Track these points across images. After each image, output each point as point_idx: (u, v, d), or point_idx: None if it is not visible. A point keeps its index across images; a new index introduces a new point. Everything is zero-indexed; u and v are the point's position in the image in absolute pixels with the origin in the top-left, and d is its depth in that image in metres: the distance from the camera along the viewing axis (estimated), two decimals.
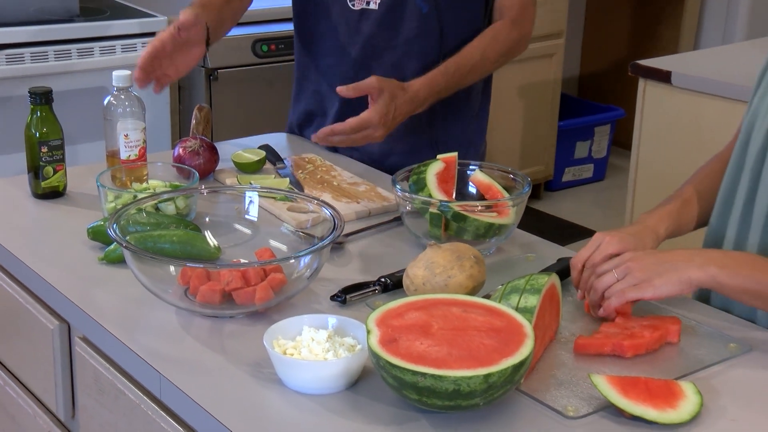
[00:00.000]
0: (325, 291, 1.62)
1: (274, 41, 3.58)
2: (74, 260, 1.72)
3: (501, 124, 4.68)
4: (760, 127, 1.64)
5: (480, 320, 1.36)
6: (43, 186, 1.95)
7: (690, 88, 3.01)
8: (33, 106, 1.94)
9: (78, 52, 3.32)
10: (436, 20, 2.17)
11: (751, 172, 1.64)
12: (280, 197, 1.83)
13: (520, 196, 1.80)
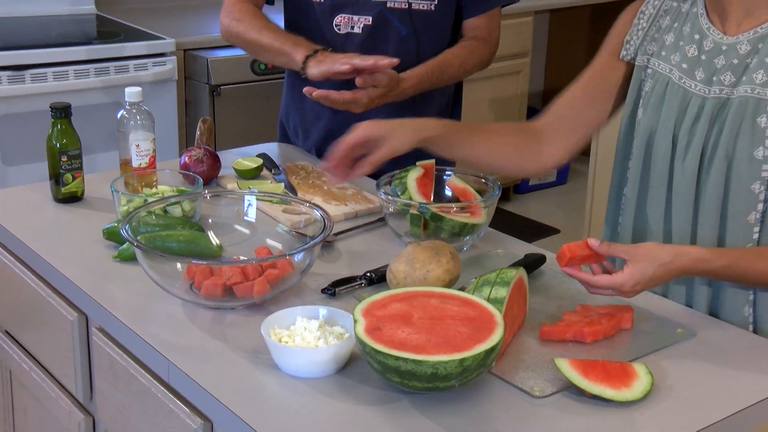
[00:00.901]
0: (317, 284, 1.62)
1: None
2: (91, 258, 1.72)
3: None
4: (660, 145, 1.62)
5: (455, 310, 1.36)
6: (63, 191, 1.94)
7: None
8: (54, 120, 1.93)
9: (95, 71, 3.31)
10: (414, 41, 2.18)
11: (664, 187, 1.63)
12: (275, 200, 1.82)
13: (491, 199, 1.80)
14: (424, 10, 2.16)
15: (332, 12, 2.18)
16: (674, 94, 1.60)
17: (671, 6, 1.65)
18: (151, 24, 3.71)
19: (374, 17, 2.16)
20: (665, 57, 1.63)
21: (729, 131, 1.51)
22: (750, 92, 1.49)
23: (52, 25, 3.67)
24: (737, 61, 1.52)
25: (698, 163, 1.56)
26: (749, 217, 1.53)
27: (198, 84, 3.58)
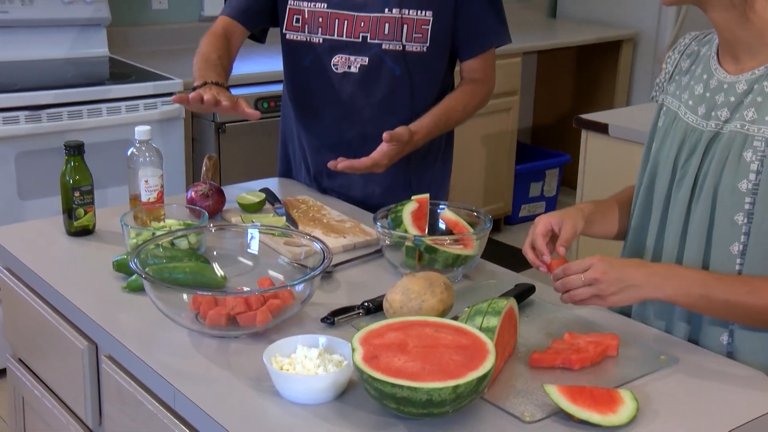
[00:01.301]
0: (317, 314, 1.61)
1: (273, 99, 3.57)
2: (101, 289, 1.71)
3: (467, 168, 4.69)
4: (662, 174, 1.64)
5: (449, 339, 1.35)
6: (75, 225, 1.94)
7: (624, 137, 3.02)
8: (67, 157, 1.93)
9: (107, 110, 3.32)
10: (408, 80, 2.18)
11: (660, 213, 1.64)
12: (277, 233, 1.82)
13: (482, 231, 1.80)
14: (417, 52, 2.17)
15: (331, 52, 2.19)
16: (678, 128, 1.62)
17: (693, 50, 1.68)
18: (161, 65, 3.72)
19: (370, 58, 2.16)
20: (678, 95, 1.66)
21: (717, 163, 1.53)
22: (739, 128, 1.50)
23: (68, 67, 3.68)
24: (734, 99, 1.53)
25: (690, 193, 1.58)
26: (732, 247, 1.53)
27: (204, 122, 3.59)
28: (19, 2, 3.64)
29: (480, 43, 2.23)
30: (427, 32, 2.16)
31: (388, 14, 2.14)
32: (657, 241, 1.66)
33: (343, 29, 2.16)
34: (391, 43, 2.15)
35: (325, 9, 2.16)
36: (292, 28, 2.22)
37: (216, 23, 2.26)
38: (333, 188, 2.28)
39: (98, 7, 3.81)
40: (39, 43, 3.74)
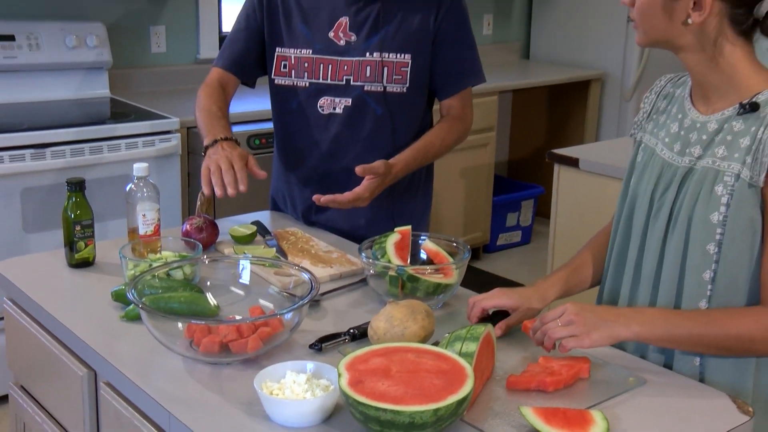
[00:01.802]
0: (305, 340, 1.60)
1: (264, 136, 3.58)
2: (100, 318, 1.69)
3: (447, 200, 4.69)
4: (640, 206, 1.64)
5: (430, 364, 1.34)
6: (76, 257, 1.92)
7: (594, 171, 3.03)
8: (69, 193, 1.92)
9: (108, 148, 3.31)
10: (389, 119, 2.19)
11: (639, 241, 1.65)
12: (268, 264, 1.80)
13: (461, 261, 1.79)
14: (397, 92, 2.17)
15: (316, 95, 2.19)
16: (655, 164, 1.63)
17: (669, 91, 1.70)
18: (159, 105, 3.72)
19: (354, 99, 2.17)
20: (655, 133, 1.66)
21: (691, 196, 1.53)
22: (711, 164, 1.51)
23: (71, 107, 3.68)
24: (706, 137, 1.54)
25: (666, 224, 1.58)
26: (704, 275, 1.53)
27: (200, 158, 3.53)
28: (27, 48, 3.65)
29: (457, 83, 2.24)
30: (407, 74, 2.17)
31: (370, 58, 2.15)
32: (636, 269, 1.66)
33: (328, 73, 2.16)
34: (372, 85, 2.16)
35: (311, 55, 2.17)
36: (280, 74, 2.22)
37: (210, 75, 2.28)
38: (320, 221, 2.28)
39: (101, 51, 3.82)
40: (44, 86, 3.74)
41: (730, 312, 1.49)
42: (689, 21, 1.47)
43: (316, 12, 2.18)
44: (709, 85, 1.54)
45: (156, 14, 4.13)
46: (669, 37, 1.52)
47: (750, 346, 1.47)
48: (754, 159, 1.44)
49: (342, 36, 2.16)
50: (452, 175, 4.71)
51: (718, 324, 1.47)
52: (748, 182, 1.46)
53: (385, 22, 2.15)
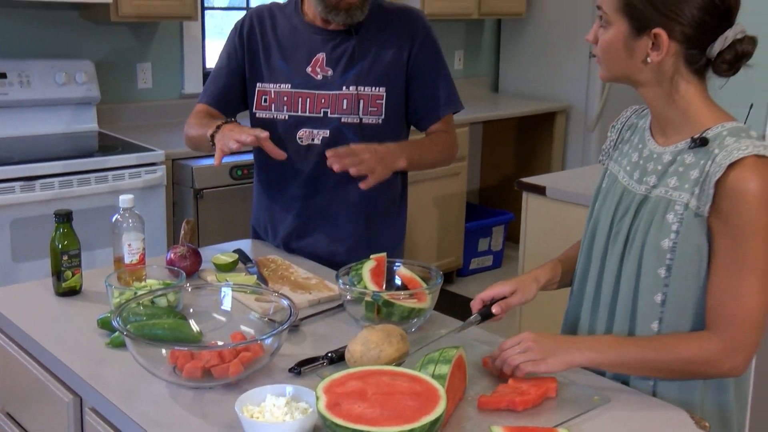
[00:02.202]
0: (285, 364, 1.58)
1: (246, 167, 3.58)
2: (86, 345, 1.66)
3: (422, 227, 4.70)
4: (601, 229, 1.65)
5: (404, 386, 1.33)
6: (63, 286, 1.90)
7: (560, 198, 3.04)
8: (57, 224, 1.90)
9: (96, 179, 3.29)
10: None
11: (599, 263, 1.66)
12: (249, 291, 1.79)
13: (434, 286, 1.78)
14: (373, 124, 2.18)
15: (296, 127, 2.19)
16: (617, 190, 1.64)
17: (633, 122, 1.71)
18: (145, 138, 3.71)
19: (331, 131, 2.17)
20: (619, 161, 1.68)
21: (645, 223, 1.54)
22: (664, 193, 1.52)
23: (60, 141, 3.66)
24: (660, 168, 1.55)
25: (623, 247, 1.59)
26: (656, 297, 1.53)
27: (184, 188, 3.56)
28: (18, 85, 3.63)
29: (437, 111, 2.25)
30: (382, 106, 2.17)
31: (346, 91, 2.15)
32: (596, 289, 1.66)
33: (306, 106, 2.17)
34: (349, 117, 2.16)
35: (290, 89, 2.17)
36: (260, 108, 2.22)
37: (195, 109, 2.27)
38: (301, 249, 2.26)
39: (89, 88, 3.81)
40: (35, 121, 3.73)
41: (677, 337, 1.50)
42: (648, 60, 1.49)
43: (294, 48, 2.19)
44: (665, 119, 1.56)
45: (142, 52, 4.13)
46: (629, 73, 1.53)
47: (695, 369, 1.47)
48: (701, 190, 1.46)
49: (319, 71, 2.17)
50: (426, 202, 4.71)
51: (666, 349, 1.48)
52: (695, 212, 1.47)
53: (360, 57, 2.16)
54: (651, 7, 1.45)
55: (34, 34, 3.79)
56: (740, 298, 1.43)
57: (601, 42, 1.54)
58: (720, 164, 1.42)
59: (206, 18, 4.43)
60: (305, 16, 2.20)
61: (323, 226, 2.23)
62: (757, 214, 1.40)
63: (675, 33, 1.46)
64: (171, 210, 3.56)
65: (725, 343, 1.44)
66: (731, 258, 1.43)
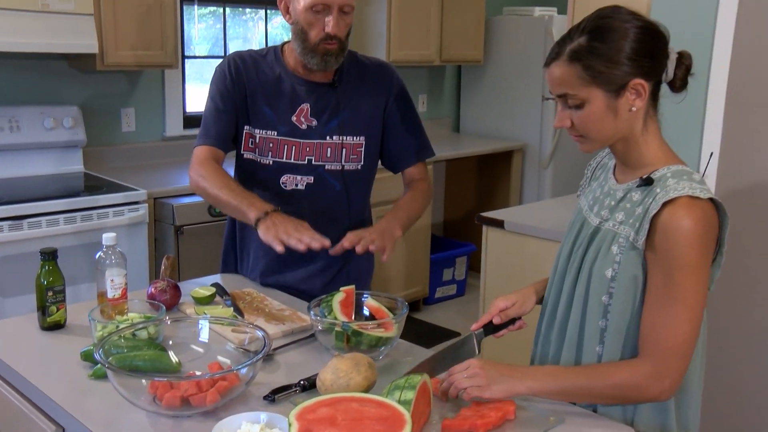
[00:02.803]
0: (260, 392, 1.56)
1: None
2: (69, 377, 1.63)
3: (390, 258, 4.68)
4: (563, 257, 1.66)
5: (372, 412, 1.32)
6: (48, 321, 1.86)
7: (517, 231, 3.05)
8: (42, 262, 1.86)
9: (81, 218, 3.25)
10: (345, 194, 2.18)
11: (558, 288, 1.66)
12: (225, 323, 1.76)
13: (400, 316, 1.77)
14: (353, 170, 2.18)
15: (280, 172, 2.16)
16: (579, 222, 1.65)
17: (605, 163, 1.72)
18: (128, 178, 3.68)
19: (315, 177, 2.15)
20: (587, 196, 1.69)
21: (593, 253, 1.55)
22: (611, 226, 1.53)
23: (48, 182, 3.62)
24: (613, 203, 1.56)
25: (576, 274, 1.59)
26: (599, 323, 1.54)
27: (165, 225, 3.53)
28: (8, 130, 3.60)
29: (410, 158, 2.27)
30: (361, 153, 2.18)
31: (329, 141, 2.14)
32: (552, 311, 1.67)
33: (291, 153, 2.14)
34: (332, 164, 2.15)
35: (276, 136, 2.14)
36: (248, 149, 2.18)
37: (199, 153, 2.14)
38: (278, 283, 2.24)
39: (76, 131, 3.78)
40: (24, 163, 3.69)
41: (611, 365, 1.50)
42: (633, 109, 1.48)
43: (279, 97, 2.15)
44: (627, 160, 1.56)
45: (126, 97, 4.11)
46: (619, 131, 1.51)
47: (626, 393, 1.46)
48: (641, 225, 1.47)
49: (304, 121, 2.14)
50: None
51: (599, 376, 1.47)
52: (634, 245, 1.48)
53: (342, 108, 2.15)
54: (619, 65, 1.44)
55: (25, 82, 3.76)
56: (669, 328, 1.42)
57: (581, 121, 1.49)
58: (658, 202, 1.44)
59: (186, 65, 4.42)
60: (287, 65, 2.17)
61: (301, 263, 2.21)
62: (686, 250, 1.41)
63: (645, 74, 1.47)
64: (153, 245, 3.53)
65: (654, 369, 1.43)
66: (662, 290, 1.43)
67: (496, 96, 5.61)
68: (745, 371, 2.45)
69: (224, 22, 4.63)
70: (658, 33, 1.49)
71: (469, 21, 5.39)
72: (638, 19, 1.47)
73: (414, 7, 5.03)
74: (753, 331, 2.41)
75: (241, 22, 4.81)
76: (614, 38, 1.45)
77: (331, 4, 2.01)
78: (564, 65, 1.47)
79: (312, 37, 2.04)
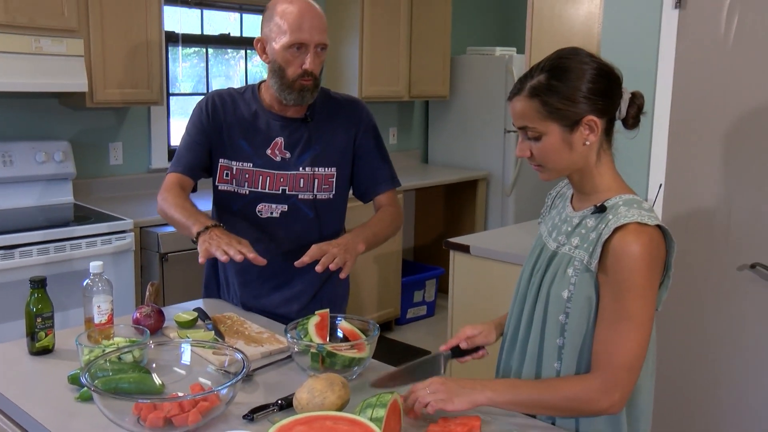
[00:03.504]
0: (239, 411, 1.54)
1: None
2: (57, 400, 1.59)
3: (364, 282, 4.67)
4: (524, 279, 1.66)
5: (345, 429, 1.30)
6: (36, 346, 1.82)
7: (482, 255, 3.06)
8: (32, 290, 1.83)
9: (70, 247, 3.21)
10: (317, 220, 2.17)
11: (519, 308, 1.66)
12: (207, 346, 1.74)
13: (372, 338, 1.76)
14: (325, 199, 2.17)
15: (255, 201, 2.15)
16: (539, 247, 1.65)
17: (564, 192, 1.72)
18: (116, 209, 3.64)
19: (289, 206, 2.15)
20: (546, 222, 1.69)
21: (551, 275, 1.56)
22: (567, 250, 1.54)
23: (39, 213, 3.58)
24: (570, 229, 1.57)
25: (536, 295, 1.60)
26: (557, 341, 1.54)
27: (151, 253, 3.50)
28: (2, 164, 3.57)
29: (377, 187, 2.25)
30: (333, 183, 2.17)
31: (303, 172, 2.13)
32: (514, 331, 1.67)
33: (266, 184, 2.14)
34: (305, 194, 2.14)
35: (251, 168, 2.14)
36: (223, 181, 2.18)
37: (168, 179, 2.15)
38: (257, 307, 2.22)
39: (65, 165, 3.74)
40: (16, 195, 3.64)
41: (564, 379, 1.50)
42: (587, 143, 1.50)
43: (255, 131, 2.15)
44: (582, 191, 1.58)
45: (114, 132, 4.09)
46: (573, 163, 1.52)
47: (578, 405, 1.45)
48: (594, 249, 1.48)
49: (278, 153, 2.14)
50: (367, 260, 4.70)
51: (553, 389, 1.47)
52: (587, 267, 1.49)
53: (314, 141, 2.15)
54: (574, 103, 1.46)
55: (18, 119, 3.73)
56: (618, 345, 1.43)
57: (539, 152, 1.51)
58: (609, 228, 1.45)
59: (171, 102, 4.41)
60: (263, 102, 2.17)
61: (279, 289, 2.20)
62: (634, 273, 1.42)
63: (599, 112, 1.48)
64: (139, 272, 3.49)
65: (604, 384, 1.43)
66: (612, 309, 1.44)
67: (461, 129, 5.65)
68: (693, 383, 2.47)
69: (207, 62, 4.63)
70: (612, 74, 1.51)
71: (436, 59, 5.44)
72: (595, 61, 1.49)
73: (384, 47, 5.07)
74: (700, 345, 2.43)
75: (224, 61, 4.81)
76: (571, 78, 1.46)
77: (308, 42, 2.01)
78: (525, 100, 1.49)
79: (289, 74, 2.04)
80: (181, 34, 4.43)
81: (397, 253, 4.91)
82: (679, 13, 2.36)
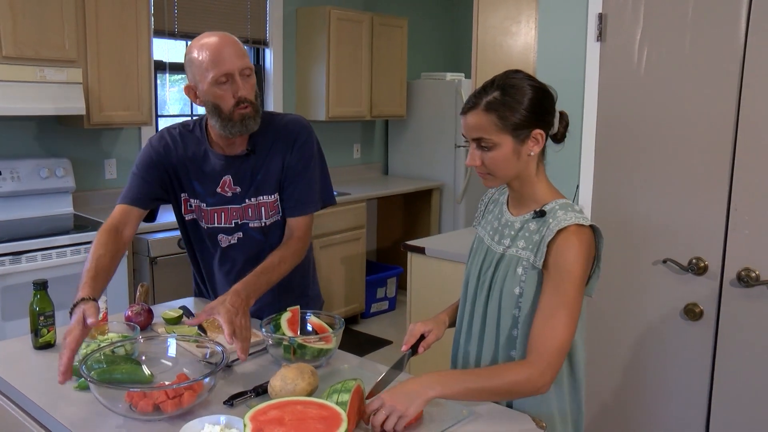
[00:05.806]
0: (220, 398, 1.53)
1: None
2: (57, 389, 1.57)
3: (333, 281, 4.67)
4: (471, 281, 1.67)
5: (314, 412, 1.30)
6: (39, 341, 1.80)
7: (436, 256, 3.07)
8: (35, 291, 1.82)
9: (71, 252, 3.17)
10: (266, 241, 2.07)
11: (471, 307, 1.67)
12: (191, 340, 1.73)
13: (338, 331, 1.75)
14: (271, 223, 2.05)
15: (216, 233, 2.07)
16: (482, 250, 1.65)
17: (495, 198, 1.72)
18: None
19: (242, 233, 2.06)
20: (485, 226, 1.69)
21: (501, 275, 1.56)
22: (515, 252, 1.55)
23: (42, 222, 3.53)
24: (513, 233, 1.57)
25: (487, 294, 1.60)
26: (512, 332, 1.55)
27: (141, 257, 3.46)
28: (10, 179, 3.53)
29: (298, 209, 2.04)
30: (278, 207, 2.05)
31: (249, 202, 2.03)
32: (468, 326, 1.66)
33: (221, 219, 2.05)
34: (255, 222, 2.05)
35: (206, 207, 2.04)
36: (188, 212, 2.08)
37: (113, 213, 1.97)
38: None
39: (66, 179, 3.69)
40: (22, 207, 3.59)
41: (506, 366, 1.46)
42: (531, 153, 1.51)
43: (204, 173, 2.02)
44: (521, 196, 1.58)
45: (109, 150, 4.04)
46: (519, 171, 1.53)
47: (520, 388, 1.43)
48: (539, 249, 1.49)
49: (228, 189, 2.02)
50: (335, 261, 4.70)
51: (497, 376, 1.43)
52: (534, 266, 1.50)
53: (257, 172, 2.01)
54: (526, 119, 1.47)
55: (24, 139, 3.69)
56: (553, 331, 1.43)
57: (491, 161, 1.50)
58: (552, 230, 1.46)
59: (159, 123, 4.37)
60: (210, 139, 1.99)
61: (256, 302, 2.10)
62: (572, 267, 1.44)
63: (543, 126, 1.50)
64: (131, 275, 3.45)
65: (539, 367, 1.42)
66: (551, 299, 1.45)
67: (417, 144, 5.68)
68: (618, 357, 2.51)
69: None
70: (550, 93, 1.53)
71: (394, 83, 5.46)
72: (537, 81, 1.51)
73: (348, 73, 5.08)
74: (622, 327, 2.48)
75: None
76: (523, 95, 1.48)
77: (232, 71, 1.81)
78: (481, 114, 1.48)
79: (225, 108, 1.85)
80: (168, 62, 4.40)
81: (361, 254, 4.91)
82: (600, 45, 2.41)
